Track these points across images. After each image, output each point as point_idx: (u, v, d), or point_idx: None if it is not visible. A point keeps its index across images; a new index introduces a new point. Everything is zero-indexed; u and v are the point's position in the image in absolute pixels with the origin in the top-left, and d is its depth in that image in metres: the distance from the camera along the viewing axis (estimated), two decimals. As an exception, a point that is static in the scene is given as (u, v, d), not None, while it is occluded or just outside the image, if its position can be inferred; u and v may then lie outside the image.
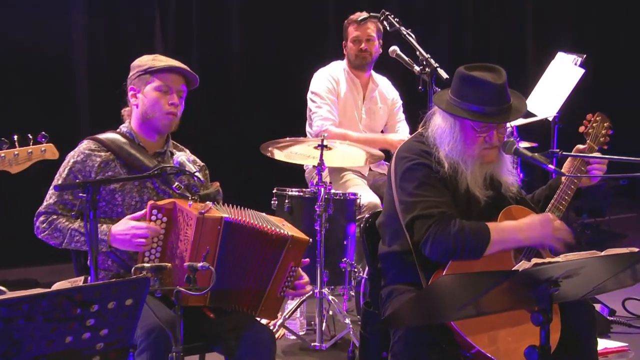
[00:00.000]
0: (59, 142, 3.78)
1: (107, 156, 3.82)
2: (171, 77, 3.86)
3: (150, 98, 3.85)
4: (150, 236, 3.55)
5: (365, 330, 3.89)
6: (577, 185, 3.73)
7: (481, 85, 3.54)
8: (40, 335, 2.50)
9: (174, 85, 3.86)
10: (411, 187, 3.56)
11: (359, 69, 6.15)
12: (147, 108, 3.86)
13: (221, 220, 3.53)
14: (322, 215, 5.15)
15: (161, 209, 3.58)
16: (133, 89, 3.91)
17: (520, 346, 3.01)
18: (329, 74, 6.15)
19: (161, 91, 3.84)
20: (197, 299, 3.49)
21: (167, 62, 3.88)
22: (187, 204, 3.57)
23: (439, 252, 3.46)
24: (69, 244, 3.72)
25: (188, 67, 3.94)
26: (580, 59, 6.62)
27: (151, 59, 3.90)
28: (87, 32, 7.74)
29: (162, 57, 3.93)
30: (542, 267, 2.70)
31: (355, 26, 6.09)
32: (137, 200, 3.79)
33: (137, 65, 3.91)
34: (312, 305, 5.45)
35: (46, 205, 3.78)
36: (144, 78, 3.87)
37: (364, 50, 6.08)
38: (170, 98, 3.85)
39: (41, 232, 3.76)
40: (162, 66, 3.85)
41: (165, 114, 3.85)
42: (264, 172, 7.47)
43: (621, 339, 5.33)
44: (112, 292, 2.59)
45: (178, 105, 3.87)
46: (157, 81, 3.85)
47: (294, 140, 5.38)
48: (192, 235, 3.48)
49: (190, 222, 3.50)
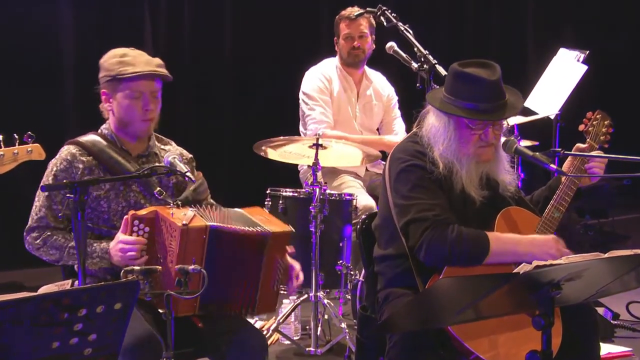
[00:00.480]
0: (45, 143, 3.72)
1: (90, 161, 3.73)
2: (141, 83, 3.71)
3: (123, 105, 3.73)
4: (139, 249, 3.48)
5: (361, 334, 3.84)
6: (577, 185, 3.69)
7: (475, 82, 3.50)
8: (27, 341, 2.45)
9: (146, 89, 3.73)
10: (405, 190, 3.53)
11: (352, 66, 6.09)
12: (121, 115, 3.76)
13: (206, 229, 3.47)
14: (317, 216, 5.10)
15: (142, 219, 3.51)
16: (105, 94, 3.80)
17: (521, 351, 2.98)
18: (321, 72, 6.07)
19: (133, 97, 3.72)
20: (186, 309, 3.44)
21: (134, 67, 3.71)
22: (170, 213, 3.50)
23: (434, 257, 3.42)
24: (67, 261, 3.67)
25: (159, 62, 3.79)
26: (583, 55, 6.60)
27: (118, 61, 3.73)
28: (75, 29, 7.70)
29: (130, 57, 3.75)
30: (544, 269, 2.68)
31: (347, 22, 6.02)
32: (123, 205, 3.72)
33: (105, 69, 3.77)
34: (307, 309, 5.39)
35: (37, 219, 3.69)
36: (113, 84, 3.74)
37: (356, 47, 6.01)
38: (144, 104, 3.72)
39: (35, 248, 3.69)
40: (130, 75, 3.69)
41: (140, 121, 3.75)
42: (257, 172, 7.42)
43: (625, 344, 5.29)
44: (101, 296, 2.55)
45: (153, 109, 3.76)
46: (127, 88, 3.71)
47: (288, 139, 5.33)
48: (177, 247, 3.42)
49: (174, 233, 3.43)
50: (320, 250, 5.13)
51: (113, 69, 3.73)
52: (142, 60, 3.75)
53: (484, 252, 3.39)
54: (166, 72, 3.78)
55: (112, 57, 3.77)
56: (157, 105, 3.78)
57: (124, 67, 3.71)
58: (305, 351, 5.14)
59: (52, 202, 3.68)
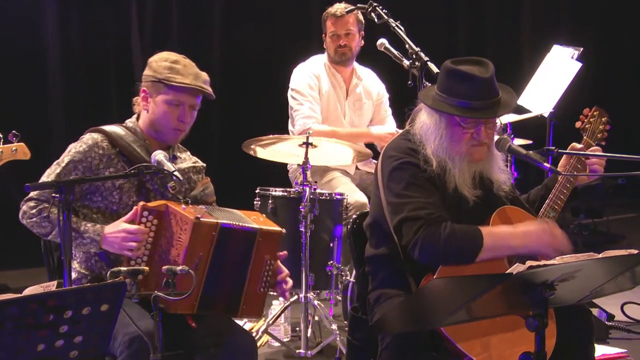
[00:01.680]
0: (31, 142, 3.68)
1: (109, 149, 3.73)
2: (185, 95, 3.74)
3: (160, 109, 3.75)
4: (142, 240, 3.48)
5: (352, 336, 3.82)
6: (573, 185, 3.66)
7: (467, 79, 3.47)
8: (11, 343, 2.43)
9: (187, 102, 3.75)
10: (398, 188, 3.49)
11: (340, 64, 6.06)
12: (155, 118, 3.77)
13: (217, 226, 3.48)
14: (307, 216, 5.09)
15: (152, 210, 3.52)
16: (145, 92, 3.80)
17: (514, 353, 3.01)
18: (309, 69, 6.04)
19: (172, 104, 3.73)
20: (186, 307, 3.43)
21: (183, 77, 3.72)
22: (181, 207, 3.51)
23: (428, 256, 3.38)
24: (56, 237, 3.62)
25: (206, 78, 3.80)
26: (577, 52, 6.60)
27: (168, 66, 3.74)
28: (60, 24, 7.65)
29: (181, 66, 3.75)
30: (537, 269, 2.66)
31: (333, 20, 5.99)
32: (134, 200, 3.71)
33: (154, 69, 3.77)
34: (297, 310, 5.37)
35: (38, 192, 3.66)
36: (157, 86, 3.75)
37: (342, 45, 5.97)
38: (181, 115, 3.74)
39: (27, 217, 3.65)
40: (177, 84, 3.70)
41: (172, 129, 3.77)
42: (246, 171, 7.38)
43: (620, 345, 5.28)
44: (87, 298, 2.54)
45: (188, 122, 3.79)
46: (170, 95, 3.73)
47: (278, 137, 5.31)
48: (186, 240, 3.42)
49: (185, 226, 3.44)
50: (311, 251, 5.12)
51: (162, 72, 3.74)
52: (192, 72, 3.77)
53: (478, 247, 3.36)
54: (211, 90, 3.81)
55: (164, 60, 3.78)
56: (192, 120, 3.82)
57: (173, 74, 3.72)
58: (296, 353, 5.12)
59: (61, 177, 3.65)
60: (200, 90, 3.76)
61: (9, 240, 3.64)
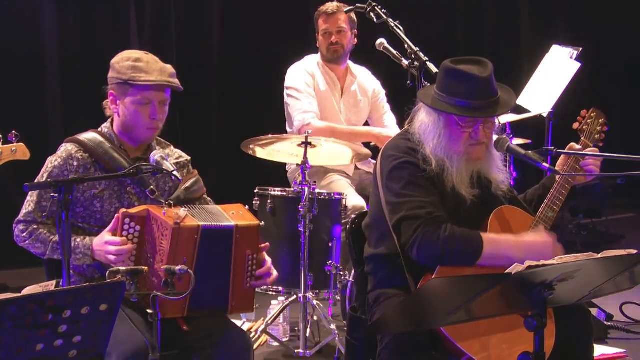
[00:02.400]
0: (30, 142, 3.67)
1: (85, 159, 3.70)
2: (152, 92, 3.68)
3: (130, 110, 3.70)
4: (127, 252, 3.44)
5: (351, 336, 3.80)
6: (571, 185, 3.66)
7: (466, 79, 3.47)
8: (10, 343, 2.43)
9: (156, 98, 3.69)
10: (397, 187, 3.49)
11: (333, 62, 6.03)
12: (127, 120, 3.72)
13: (198, 229, 3.45)
14: (306, 216, 5.07)
15: (134, 217, 3.48)
16: (112, 95, 3.75)
17: (513, 353, 3.05)
18: (304, 68, 6.02)
19: (142, 104, 3.68)
20: (174, 310, 3.42)
21: (147, 74, 3.66)
22: (162, 212, 3.47)
23: (426, 256, 3.38)
24: (52, 256, 3.64)
25: (172, 71, 3.75)
26: (576, 52, 6.59)
27: (131, 65, 3.68)
28: (58, 23, 7.62)
29: (143, 62, 3.69)
30: (536, 269, 2.66)
31: (325, 18, 5.97)
32: (116, 206, 3.68)
33: (117, 70, 3.71)
34: (296, 310, 5.36)
35: (25, 213, 3.67)
36: (123, 88, 3.70)
37: (334, 43, 5.95)
38: (152, 112, 3.69)
39: (22, 241, 3.68)
40: (142, 83, 3.65)
41: (146, 129, 3.72)
42: (245, 171, 7.36)
43: (619, 345, 5.28)
44: (86, 297, 2.54)
45: (161, 119, 3.73)
46: (137, 95, 3.67)
47: (277, 137, 5.28)
48: (167, 247, 3.39)
49: (165, 232, 3.41)
50: (310, 251, 5.10)
51: (125, 72, 3.68)
52: (156, 68, 3.70)
53: (477, 253, 3.36)
54: (178, 83, 3.75)
55: (126, 59, 3.72)
56: (164, 115, 3.76)
57: (137, 73, 3.66)
58: (294, 353, 5.11)
59: (42, 199, 3.66)
60: (167, 84, 3.70)
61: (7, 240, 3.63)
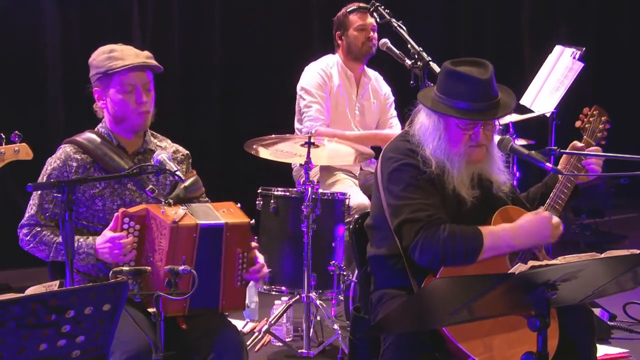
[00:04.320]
0: (33, 141, 3.67)
1: (84, 160, 3.72)
2: (132, 75, 3.69)
3: (116, 101, 3.71)
4: (128, 247, 3.46)
5: (354, 336, 3.81)
6: (573, 184, 3.65)
7: (466, 81, 3.46)
8: (13, 343, 2.43)
9: (138, 82, 3.71)
10: (398, 190, 3.49)
11: (359, 60, 6.01)
12: (116, 111, 3.73)
13: (196, 228, 3.45)
14: (310, 216, 5.07)
15: (133, 216, 3.49)
16: (97, 92, 3.77)
17: (516, 353, 3.01)
18: (321, 68, 6.01)
19: (126, 92, 3.70)
20: (176, 309, 3.42)
21: (123, 60, 3.68)
22: (160, 211, 3.48)
23: (429, 258, 3.38)
24: (56, 257, 3.65)
25: (148, 54, 3.77)
26: (580, 52, 6.56)
27: (106, 57, 3.71)
28: (60, 25, 7.61)
29: (118, 51, 3.72)
30: (539, 269, 2.66)
31: (360, 14, 5.93)
32: (118, 203, 3.69)
33: (95, 66, 3.74)
34: (299, 310, 5.36)
35: (28, 217, 3.69)
36: (104, 81, 3.72)
37: (370, 39, 5.93)
38: (138, 97, 3.70)
39: (26, 244, 3.69)
40: (120, 68, 3.67)
41: (136, 115, 3.73)
42: (248, 171, 7.36)
43: (622, 345, 5.28)
44: (89, 297, 2.53)
45: (147, 102, 3.73)
46: (118, 83, 3.69)
47: (280, 137, 5.28)
48: (166, 245, 3.39)
49: (164, 231, 3.41)
50: (313, 251, 5.10)
51: (102, 65, 3.71)
52: (131, 53, 3.73)
53: (478, 247, 3.35)
54: (156, 62, 3.76)
55: (101, 53, 3.75)
56: (151, 98, 3.76)
57: (113, 62, 3.69)
58: (297, 353, 5.11)
59: (44, 201, 3.67)
60: (146, 65, 3.71)
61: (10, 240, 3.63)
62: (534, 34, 10.51)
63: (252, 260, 3.66)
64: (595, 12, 11.08)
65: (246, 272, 3.63)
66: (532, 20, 10.67)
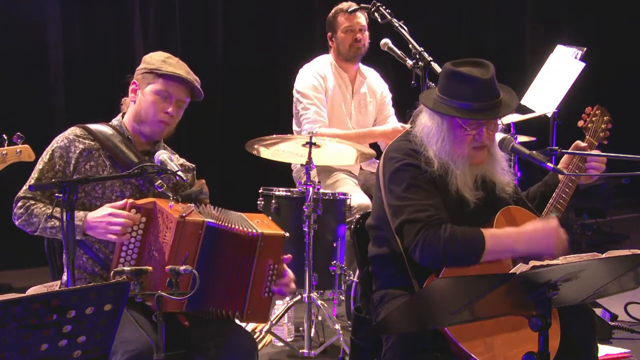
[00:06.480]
0: (35, 143, 3.66)
1: (91, 144, 3.72)
2: (175, 85, 3.74)
3: (147, 100, 3.73)
4: (127, 225, 3.44)
5: (355, 336, 3.81)
6: (575, 184, 3.65)
7: (468, 81, 3.46)
8: (14, 343, 2.44)
9: (176, 94, 3.75)
10: (399, 190, 3.49)
11: (350, 61, 6.02)
12: (141, 109, 3.75)
13: (203, 225, 3.44)
14: (311, 216, 5.06)
15: (140, 208, 3.49)
16: (135, 84, 3.80)
17: (518, 353, 3.06)
18: (315, 70, 6.00)
19: (160, 96, 3.73)
20: (174, 305, 3.39)
21: (175, 68, 3.74)
22: (168, 205, 3.47)
23: (429, 258, 3.37)
24: (44, 230, 3.59)
25: (197, 78, 3.81)
26: (581, 52, 6.57)
27: (162, 59, 3.77)
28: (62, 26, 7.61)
29: (174, 60, 3.79)
30: (541, 269, 2.66)
31: (347, 16, 5.94)
32: (118, 195, 3.68)
33: (147, 62, 3.79)
34: (301, 310, 5.35)
35: (25, 189, 3.67)
36: (147, 77, 3.75)
37: (358, 40, 5.94)
38: (167, 106, 3.73)
39: (18, 218, 3.65)
40: (168, 72, 3.72)
41: (157, 121, 3.74)
42: (249, 171, 7.35)
43: (623, 345, 5.26)
44: (90, 297, 2.53)
45: (173, 116, 3.76)
46: (160, 85, 3.72)
47: (281, 137, 5.27)
48: (171, 239, 3.39)
49: (170, 224, 3.41)
50: (314, 251, 5.09)
51: (154, 63, 3.76)
52: (184, 68, 3.80)
53: (479, 251, 3.34)
54: (200, 88, 3.81)
55: (158, 55, 3.82)
56: (178, 115, 3.80)
57: (166, 66, 3.75)
58: (299, 353, 5.10)
59: (43, 177, 3.64)
60: (190, 85, 3.76)
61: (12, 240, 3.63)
62: (535, 34, 10.51)
63: (281, 273, 3.67)
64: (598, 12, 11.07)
65: (274, 284, 3.63)
66: (533, 20, 10.67)
